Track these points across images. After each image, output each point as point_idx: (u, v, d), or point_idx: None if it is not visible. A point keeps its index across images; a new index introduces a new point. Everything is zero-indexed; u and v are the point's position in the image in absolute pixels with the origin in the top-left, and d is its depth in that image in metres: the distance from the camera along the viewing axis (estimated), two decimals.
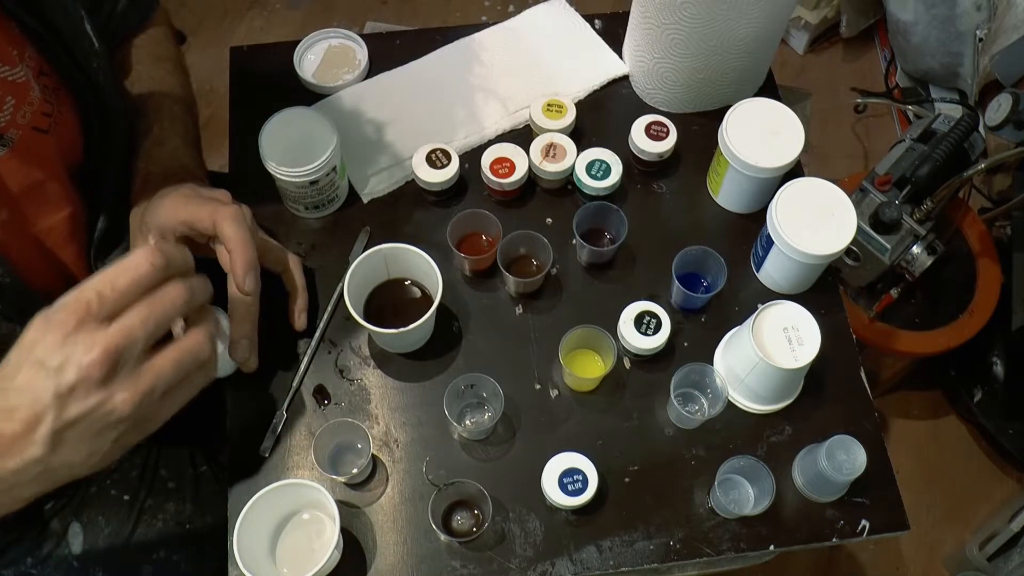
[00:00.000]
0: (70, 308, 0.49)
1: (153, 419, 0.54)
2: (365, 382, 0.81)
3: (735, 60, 0.90)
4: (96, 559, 0.84)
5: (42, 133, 0.70)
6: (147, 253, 0.51)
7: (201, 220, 0.69)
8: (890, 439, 1.66)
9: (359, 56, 0.99)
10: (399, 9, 2.16)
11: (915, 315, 1.44)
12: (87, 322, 0.49)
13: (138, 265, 0.50)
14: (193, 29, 2.09)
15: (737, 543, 0.76)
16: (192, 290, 0.53)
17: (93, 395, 0.49)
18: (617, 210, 0.84)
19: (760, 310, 0.76)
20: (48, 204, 0.73)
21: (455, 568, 0.73)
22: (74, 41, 0.72)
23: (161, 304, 0.51)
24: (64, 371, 0.48)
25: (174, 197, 0.71)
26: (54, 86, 0.72)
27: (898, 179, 1.30)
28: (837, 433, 0.74)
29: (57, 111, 0.72)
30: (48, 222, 0.74)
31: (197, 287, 0.54)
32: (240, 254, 0.68)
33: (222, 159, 0.94)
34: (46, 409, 0.48)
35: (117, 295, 0.49)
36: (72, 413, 0.49)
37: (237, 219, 0.69)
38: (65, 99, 0.73)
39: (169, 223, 0.70)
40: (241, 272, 0.68)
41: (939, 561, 1.58)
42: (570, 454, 0.74)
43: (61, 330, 0.48)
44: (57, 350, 0.48)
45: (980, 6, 1.64)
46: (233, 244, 0.68)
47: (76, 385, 0.48)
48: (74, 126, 0.75)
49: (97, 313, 0.49)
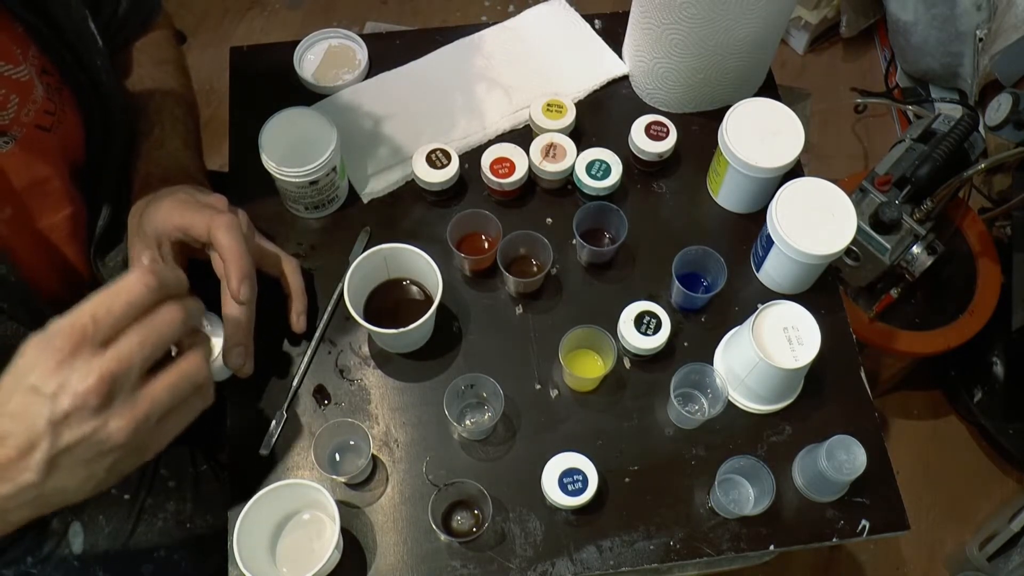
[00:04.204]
0: (65, 333, 0.48)
1: (150, 445, 0.53)
2: (365, 382, 0.81)
3: (735, 60, 0.90)
4: (97, 558, 0.84)
5: (45, 131, 0.70)
6: (141, 275, 0.50)
7: (196, 227, 0.68)
8: (890, 439, 1.66)
9: (359, 56, 0.99)
10: (399, 9, 2.16)
11: (915, 315, 1.44)
12: (82, 347, 0.48)
13: (132, 287, 0.49)
14: (193, 29, 2.09)
15: (737, 543, 0.76)
16: (188, 311, 0.52)
17: (88, 422, 0.48)
18: (617, 210, 0.84)
19: (760, 310, 0.76)
20: (51, 202, 0.73)
21: (455, 568, 0.73)
22: (78, 40, 0.72)
23: (157, 327, 0.50)
24: (59, 398, 0.47)
25: (170, 201, 0.71)
26: (57, 85, 0.72)
27: (898, 179, 1.30)
28: (837, 433, 0.75)
29: (60, 110, 0.72)
30: (51, 220, 0.74)
31: (192, 309, 0.53)
32: (234, 263, 0.67)
33: (222, 159, 0.94)
34: (41, 436, 0.47)
35: (112, 319, 0.48)
36: (67, 440, 0.48)
37: (232, 227, 0.68)
38: (68, 98, 0.73)
39: (164, 228, 0.70)
40: (236, 282, 0.67)
41: (939, 561, 1.58)
42: (570, 454, 0.74)
43: (56, 356, 0.47)
44: (52, 376, 0.47)
45: (980, 6, 1.64)
46: (227, 253, 0.67)
47: (71, 412, 0.47)
48: (76, 125, 0.75)
49: (92, 338, 0.48)
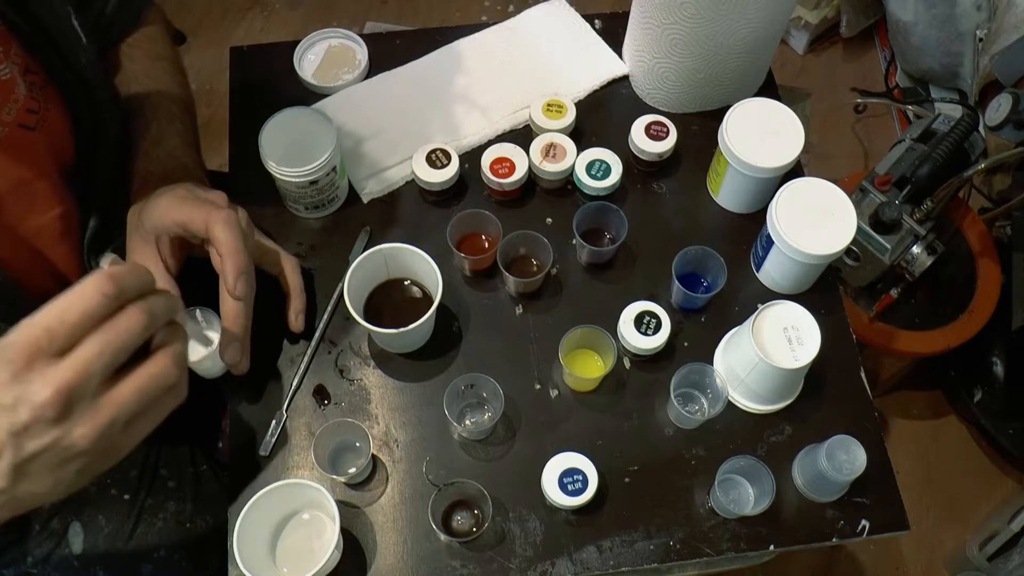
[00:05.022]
0: (18, 346, 0.46)
1: (120, 447, 0.52)
2: (365, 382, 0.81)
3: (735, 60, 0.90)
4: (96, 559, 0.84)
5: (29, 130, 0.69)
6: (96, 282, 0.48)
7: (194, 223, 0.68)
8: (890, 439, 1.66)
9: (359, 56, 0.99)
10: (399, 9, 2.16)
11: (915, 315, 1.44)
12: (37, 359, 0.47)
13: (87, 296, 0.48)
14: (193, 29, 2.09)
15: (737, 543, 0.76)
16: (151, 314, 0.51)
17: (50, 432, 0.47)
18: (617, 210, 0.84)
19: (760, 310, 0.76)
20: (37, 202, 0.72)
21: (455, 568, 0.73)
22: (62, 38, 0.71)
23: (116, 334, 0.49)
24: (17, 410, 0.46)
25: (169, 197, 0.70)
26: (41, 84, 0.71)
27: (898, 179, 1.30)
28: (837, 433, 0.74)
29: (44, 108, 0.71)
30: (38, 221, 0.73)
31: (158, 309, 0.51)
32: (231, 259, 0.67)
33: (222, 159, 0.94)
34: (3, 446, 0.47)
35: (66, 329, 0.47)
36: (30, 449, 0.47)
37: (230, 223, 0.67)
38: (53, 97, 0.72)
39: (163, 223, 0.70)
40: (232, 277, 0.67)
41: (939, 561, 1.58)
42: (570, 454, 0.74)
43: (10, 368, 0.46)
44: (8, 389, 0.46)
45: (980, 6, 1.64)
46: (225, 249, 0.67)
47: (30, 424, 0.47)
48: (63, 124, 0.74)
49: (48, 349, 0.47)
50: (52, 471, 0.50)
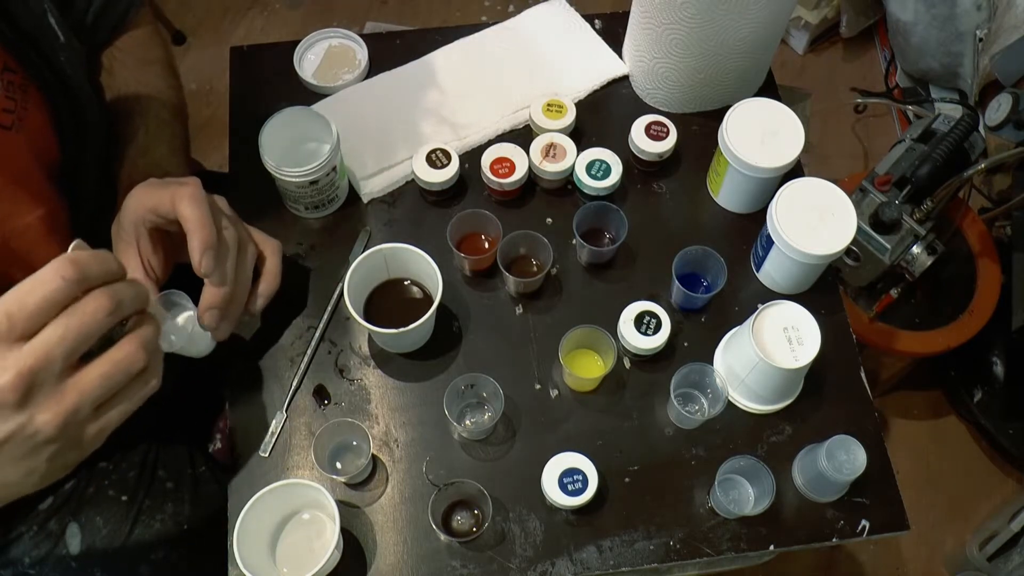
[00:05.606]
0: None
1: (91, 437, 0.51)
2: (365, 382, 0.81)
3: (735, 60, 0.90)
4: (94, 559, 0.84)
5: (5, 130, 0.68)
6: (57, 266, 0.47)
7: (163, 203, 0.67)
8: (890, 439, 1.66)
9: (359, 56, 0.99)
10: (399, 9, 2.16)
11: (915, 315, 1.44)
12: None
13: (47, 280, 0.47)
14: (193, 29, 2.09)
15: (737, 543, 0.76)
16: (117, 300, 0.49)
17: (12, 419, 0.47)
18: (617, 210, 0.84)
19: (760, 310, 0.76)
20: (19, 203, 0.71)
21: (455, 568, 0.73)
22: (40, 36, 0.70)
23: (79, 319, 0.48)
24: None
25: (141, 188, 0.70)
26: (21, 83, 0.70)
27: (898, 179, 1.30)
28: (837, 433, 0.74)
29: (21, 107, 0.70)
30: (21, 221, 0.72)
31: (125, 295, 0.50)
32: (197, 233, 0.65)
33: (222, 159, 0.94)
34: None
35: (26, 314, 0.47)
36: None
37: (195, 198, 0.66)
38: (33, 96, 0.71)
39: (137, 214, 0.69)
40: (199, 253, 0.66)
41: (939, 561, 1.58)
42: (570, 454, 0.74)
43: None
44: None
45: (980, 6, 1.64)
46: (190, 224, 0.66)
47: None
48: (45, 123, 0.73)
49: (7, 335, 0.46)
50: (21, 460, 0.49)
